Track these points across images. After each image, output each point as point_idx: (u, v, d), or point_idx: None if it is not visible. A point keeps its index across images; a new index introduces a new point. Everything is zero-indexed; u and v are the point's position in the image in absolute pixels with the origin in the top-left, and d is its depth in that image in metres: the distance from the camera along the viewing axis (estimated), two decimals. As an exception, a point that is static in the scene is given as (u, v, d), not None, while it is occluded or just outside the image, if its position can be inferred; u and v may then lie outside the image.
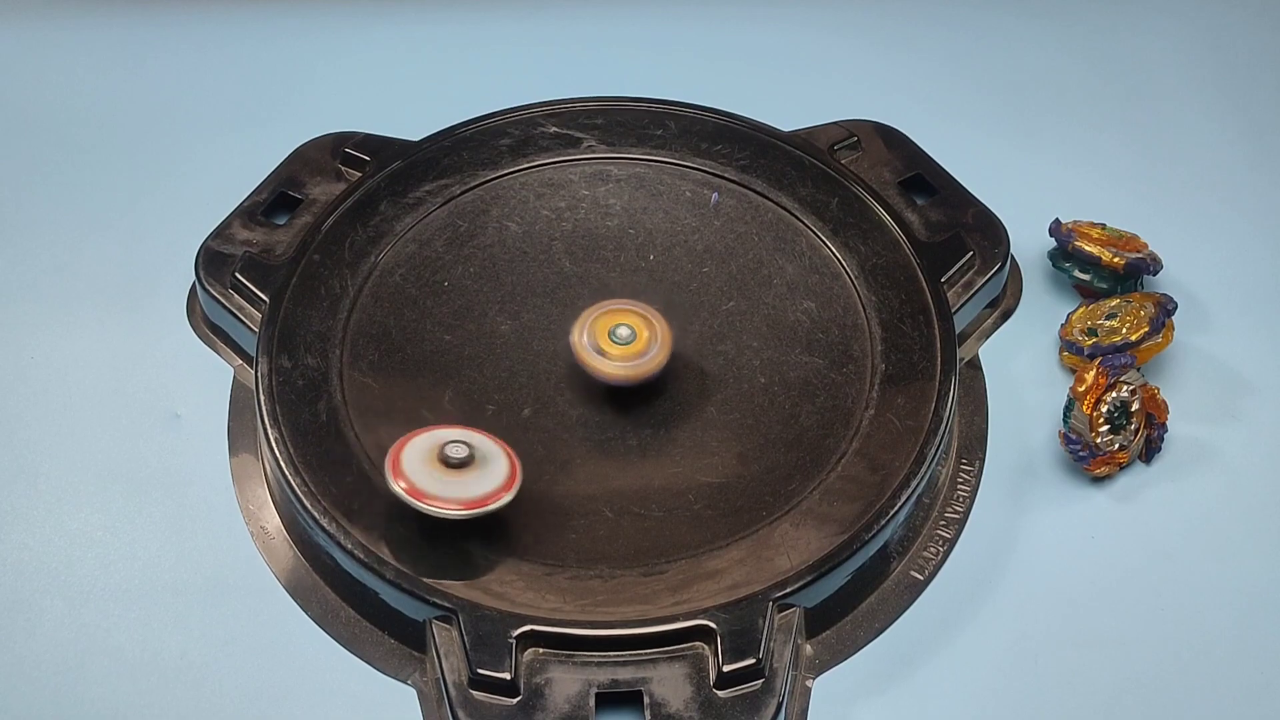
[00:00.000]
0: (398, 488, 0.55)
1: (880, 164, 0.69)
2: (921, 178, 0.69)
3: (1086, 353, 0.63)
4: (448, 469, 0.55)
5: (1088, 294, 0.68)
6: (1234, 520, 0.61)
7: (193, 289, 0.67)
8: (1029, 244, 0.69)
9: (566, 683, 0.54)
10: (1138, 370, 0.62)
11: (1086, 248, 0.66)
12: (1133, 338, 0.63)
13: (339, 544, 0.56)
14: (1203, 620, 0.58)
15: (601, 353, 0.59)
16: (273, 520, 0.61)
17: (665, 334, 0.60)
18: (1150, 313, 0.64)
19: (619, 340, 0.59)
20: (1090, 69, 0.79)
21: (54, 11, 0.80)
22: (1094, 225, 0.68)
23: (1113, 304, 0.66)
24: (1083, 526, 0.61)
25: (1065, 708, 0.56)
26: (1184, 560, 0.60)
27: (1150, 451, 0.63)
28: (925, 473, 0.59)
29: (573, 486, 0.58)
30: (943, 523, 0.61)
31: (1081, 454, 0.61)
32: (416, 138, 0.70)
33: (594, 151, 0.69)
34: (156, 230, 0.70)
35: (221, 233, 0.66)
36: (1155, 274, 0.67)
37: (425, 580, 0.55)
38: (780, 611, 0.55)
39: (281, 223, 0.67)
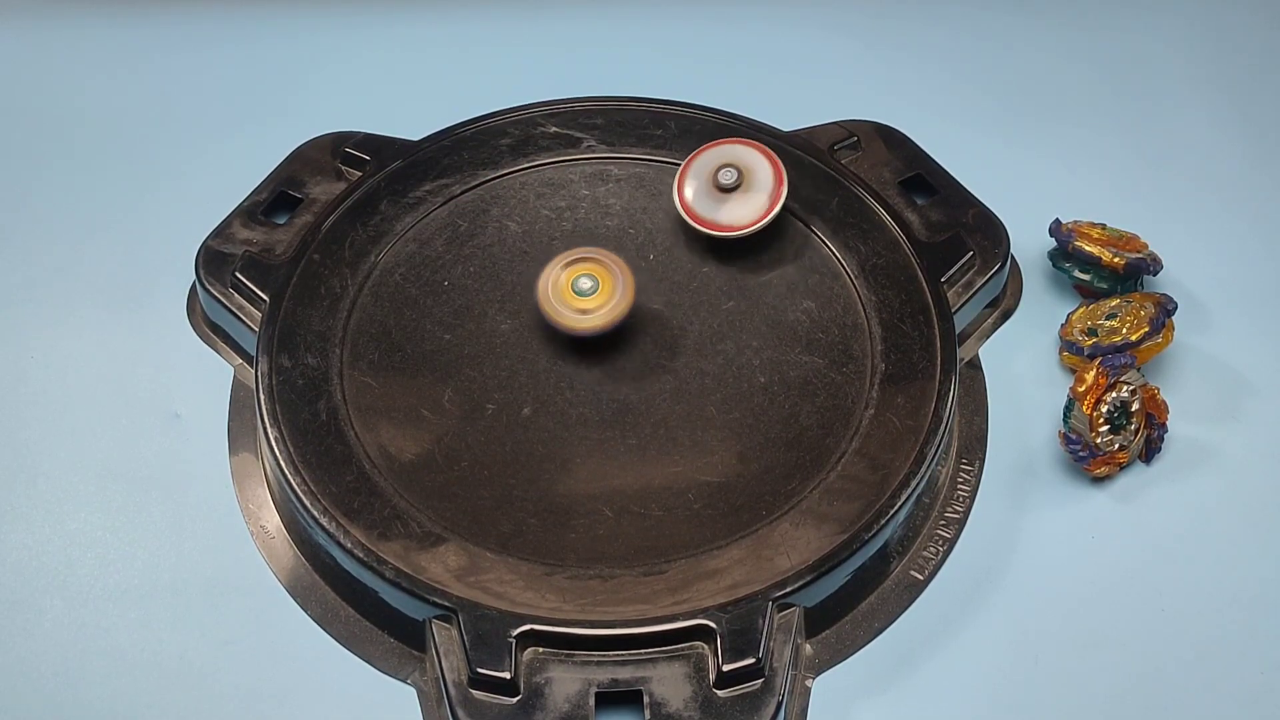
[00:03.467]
0: (675, 200, 0.65)
1: (880, 164, 0.69)
2: (921, 178, 0.69)
3: (1086, 353, 0.64)
4: (720, 192, 0.63)
5: (1088, 294, 0.68)
6: (1234, 520, 0.61)
7: (193, 288, 0.67)
8: (1029, 244, 0.69)
9: (566, 682, 0.54)
10: (1138, 370, 0.62)
11: (1086, 248, 0.66)
12: (1133, 338, 0.63)
13: (339, 544, 0.56)
14: (1203, 620, 0.58)
15: (569, 308, 0.60)
16: (273, 520, 0.61)
17: (628, 279, 0.61)
18: (1150, 313, 0.64)
19: (582, 292, 0.60)
20: (1090, 69, 0.79)
21: (54, 11, 0.80)
22: (1094, 225, 0.68)
23: (1113, 304, 0.66)
24: (1083, 526, 0.61)
25: (1065, 708, 0.56)
26: (1184, 560, 0.60)
27: (1150, 451, 0.63)
28: (925, 473, 0.59)
29: (573, 486, 0.58)
30: (943, 523, 0.61)
31: (1081, 454, 0.61)
32: (416, 137, 0.70)
33: (594, 151, 0.69)
34: (156, 230, 0.71)
35: (222, 232, 0.66)
36: (1155, 274, 0.67)
37: (425, 580, 0.55)
38: (780, 611, 0.55)
39: (282, 222, 0.67)
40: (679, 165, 0.68)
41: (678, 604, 0.55)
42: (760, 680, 0.54)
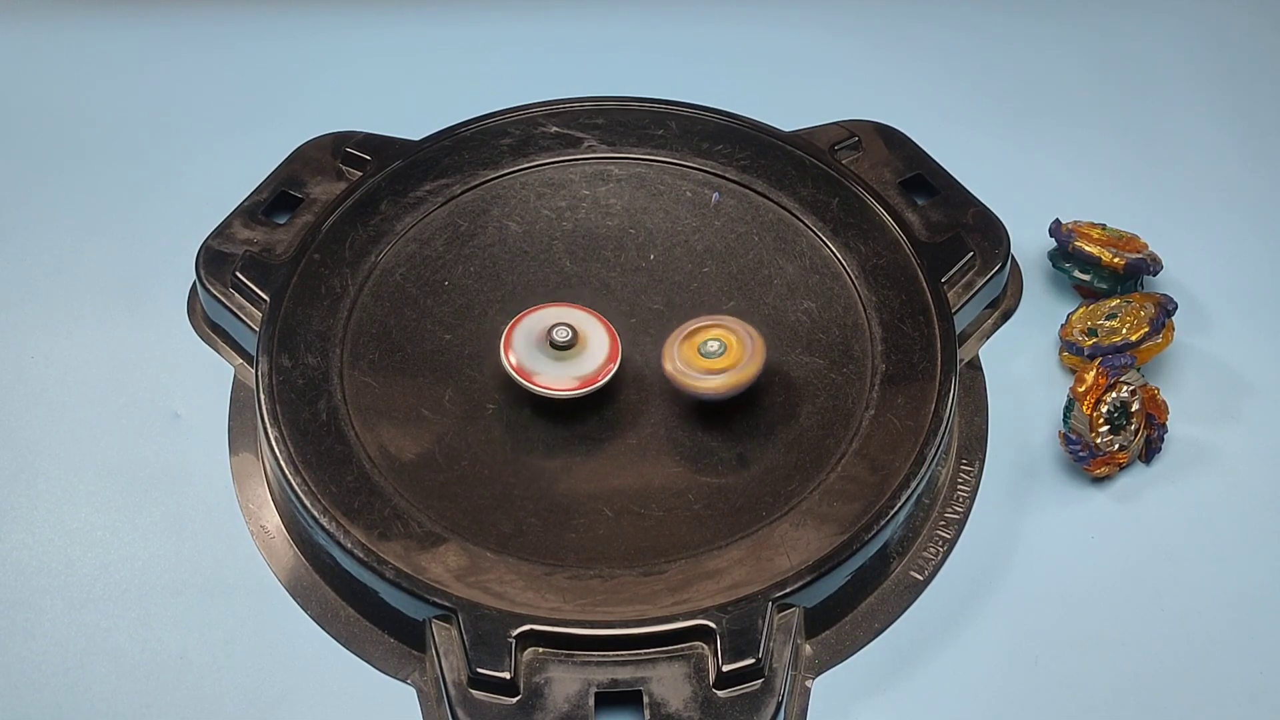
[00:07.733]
0: (508, 364, 0.59)
1: (881, 164, 0.69)
2: (922, 178, 0.69)
3: (1086, 353, 0.64)
4: (555, 350, 0.59)
5: (1088, 294, 0.68)
6: (1234, 520, 0.61)
7: (193, 288, 0.67)
8: (1029, 244, 0.69)
9: (566, 682, 0.54)
10: (1138, 370, 0.62)
11: (1086, 248, 0.66)
12: (1133, 338, 0.63)
13: (339, 543, 0.56)
14: (1203, 620, 0.58)
15: (699, 371, 0.59)
16: (273, 520, 0.61)
17: (758, 342, 0.59)
18: (1150, 313, 0.64)
19: (710, 354, 0.59)
20: (1090, 69, 0.79)
21: (54, 12, 0.80)
22: (1094, 225, 0.68)
23: (1113, 304, 0.66)
24: (1083, 526, 0.61)
25: (1065, 708, 0.56)
26: (1184, 560, 0.60)
27: (1150, 452, 0.63)
28: (925, 473, 0.59)
29: (573, 486, 0.58)
30: (943, 523, 0.61)
31: (1081, 454, 0.61)
32: (417, 137, 0.70)
33: (594, 151, 0.69)
34: (156, 230, 0.71)
35: (222, 232, 0.66)
36: (1155, 274, 0.67)
37: (425, 580, 0.55)
38: (780, 611, 0.55)
39: (282, 222, 0.67)
40: (680, 165, 0.68)
41: (677, 604, 0.55)
42: (760, 681, 0.54)
